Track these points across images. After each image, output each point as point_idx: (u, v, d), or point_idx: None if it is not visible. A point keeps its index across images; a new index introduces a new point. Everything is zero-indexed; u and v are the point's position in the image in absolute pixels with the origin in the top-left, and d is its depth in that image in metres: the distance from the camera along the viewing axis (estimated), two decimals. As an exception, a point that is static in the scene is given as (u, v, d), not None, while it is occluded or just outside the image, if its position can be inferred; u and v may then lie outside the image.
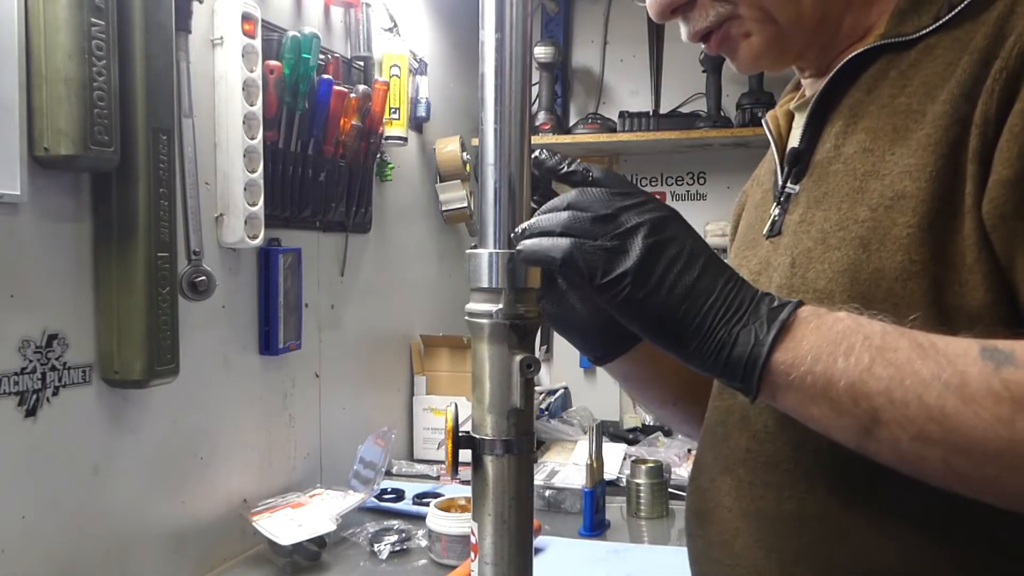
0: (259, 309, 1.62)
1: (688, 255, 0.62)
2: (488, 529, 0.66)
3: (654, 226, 0.62)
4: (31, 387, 1.14)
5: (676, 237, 0.62)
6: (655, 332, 0.63)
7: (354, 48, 1.94)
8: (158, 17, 1.24)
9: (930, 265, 0.63)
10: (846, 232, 0.69)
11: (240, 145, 1.48)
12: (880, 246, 0.66)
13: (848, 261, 0.68)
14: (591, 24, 2.84)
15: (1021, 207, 0.60)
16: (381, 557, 1.55)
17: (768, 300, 0.62)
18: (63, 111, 1.09)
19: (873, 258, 0.66)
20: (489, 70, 0.66)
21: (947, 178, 0.64)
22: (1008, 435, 0.54)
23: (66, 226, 1.20)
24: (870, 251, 0.66)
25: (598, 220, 0.62)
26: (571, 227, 0.63)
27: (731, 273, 0.63)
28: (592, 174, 0.66)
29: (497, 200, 0.66)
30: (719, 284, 0.61)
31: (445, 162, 2.33)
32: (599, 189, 0.64)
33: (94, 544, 1.25)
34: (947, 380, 0.55)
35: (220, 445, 1.52)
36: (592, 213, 0.63)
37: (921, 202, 0.64)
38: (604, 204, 0.63)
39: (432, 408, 2.24)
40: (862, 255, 0.67)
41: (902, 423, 0.56)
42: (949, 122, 0.64)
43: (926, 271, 0.63)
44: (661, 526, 1.78)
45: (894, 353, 0.57)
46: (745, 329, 0.60)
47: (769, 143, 0.86)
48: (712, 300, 0.61)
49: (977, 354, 0.55)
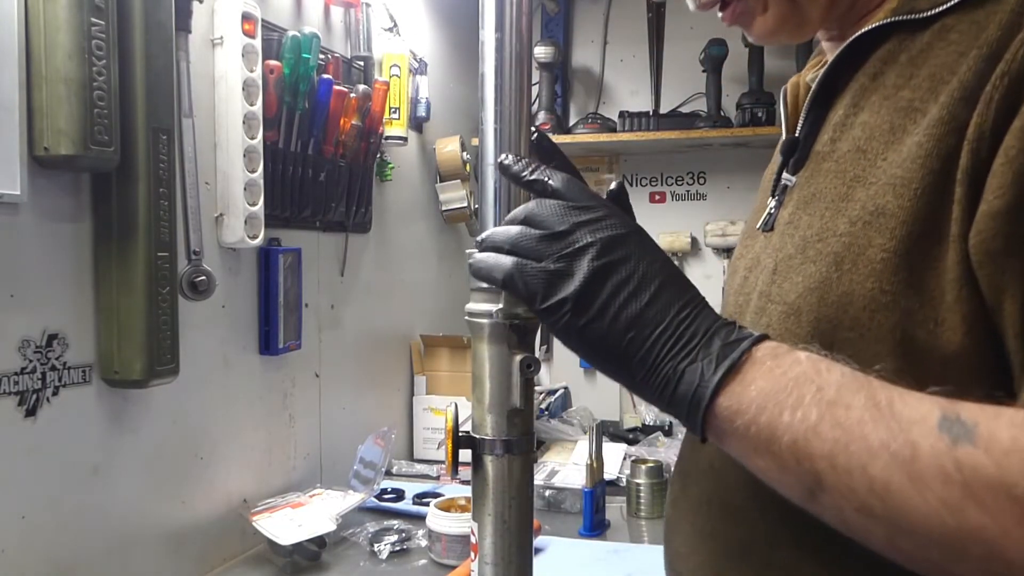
0: (259, 309, 1.62)
1: (639, 279, 0.57)
2: (488, 529, 0.66)
3: (605, 246, 0.57)
4: (31, 387, 1.14)
5: (628, 259, 0.57)
6: (598, 362, 0.58)
7: (354, 48, 1.94)
8: (158, 17, 1.24)
9: (902, 297, 0.57)
10: (824, 244, 0.62)
11: (240, 145, 1.48)
12: (852, 267, 0.59)
13: (819, 278, 0.61)
14: (591, 24, 2.84)
15: (1013, 242, 0.52)
16: (381, 557, 1.55)
17: (724, 333, 0.56)
18: (63, 111, 1.09)
19: (844, 279, 0.60)
20: (489, 70, 0.66)
21: (934, 197, 0.56)
22: (955, 523, 0.47)
23: (66, 226, 1.20)
24: (842, 271, 0.60)
25: (547, 238, 0.58)
26: (518, 245, 0.59)
27: (689, 298, 0.57)
28: (551, 184, 0.61)
29: (497, 200, 0.66)
30: (671, 313, 0.56)
31: (445, 162, 2.33)
32: (556, 202, 0.60)
33: (94, 544, 1.25)
34: (896, 451, 0.49)
35: (220, 445, 1.52)
36: (543, 230, 0.59)
37: (901, 223, 0.57)
38: (558, 219, 0.59)
39: (432, 408, 2.24)
40: (833, 274, 0.61)
41: (844, 492, 0.51)
42: (944, 131, 0.57)
43: (896, 304, 0.57)
44: (661, 526, 1.78)
45: (845, 411, 0.51)
46: (692, 366, 0.55)
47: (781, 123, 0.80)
48: (660, 331, 0.56)
49: (935, 423, 0.49)
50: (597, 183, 2.85)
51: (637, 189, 2.82)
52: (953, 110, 0.56)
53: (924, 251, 0.56)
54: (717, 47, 2.48)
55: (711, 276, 2.74)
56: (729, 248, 2.68)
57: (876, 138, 0.62)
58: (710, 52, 2.50)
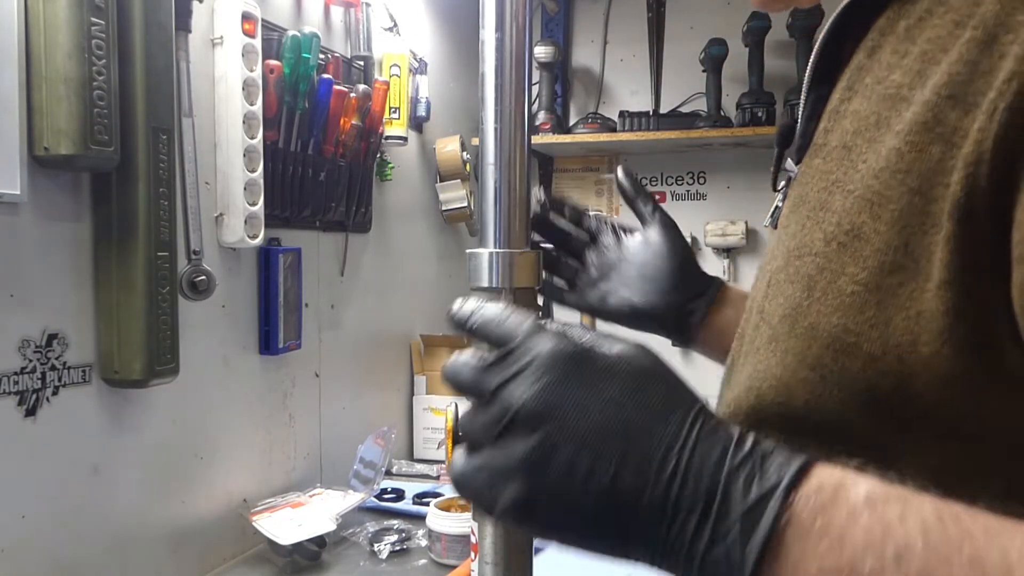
0: (259, 309, 1.62)
1: (593, 448, 0.42)
2: (488, 529, 0.66)
3: (531, 413, 0.44)
4: (31, 387, 1.14)
5: (564, 416, 0.43)
6: (612, 552, 0.45)
7: (354, 48, 1.94)
8: (158, 17, 1.24)
9: (865, 342, 0.46)
10: (801, 263, 0.52)
11: (240, 145, 1.47)
12: (822, 296, 0.49)
13: (792, 304, 0.51)
14: (591, 24, 2.84)
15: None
16: (381, 557, 1.55)
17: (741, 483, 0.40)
18: (63, 111, 1.09)
19: (812, 309, 0.49)
20: (489, 70, 0.66)
21: (912, 225, 0.45)
22: None
23: (66, 226, 1.20)
24: (812, 298, 0.50)
25: (479, 417, 0.46)
26: (467, 432, 0.48)
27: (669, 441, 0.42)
28: (472, 318, 0.49)
29: (497, 200, 0.66)
30: (650, 474, 0.41)
31: (445, 162, 2.33)
32: (471, 358, 0.47)
33: (94, 544, 1.25)
34: None
35: (220, 445, 1.52)
36: (477, 407, 0.47)
37: (876, 251, 0.46)
38: (479, 382, 0.47)
39: (432, 408, 2.24)
40: (804, 301, 0.50)
41: None
42: (927, 138, 0.45)
43: (859, 348, 0.46)
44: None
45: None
46: (714, 550, 0.40)
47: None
48: (647, 504, 0.41)
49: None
50: (597, 183, 2.86)
51: (637, 189, 2.82)
52: (938, 111, 0.44)
53: (893, 289, 0.45)
54: (717, 47, 2.48)
55: (711, 276, 2.74)
56: (729, 248, 2.68)
57: (862, 133, 0.51)
58: (710, 52, 2.50)
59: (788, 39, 2.49)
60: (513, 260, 0.65)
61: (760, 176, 2.70)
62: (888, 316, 0.45)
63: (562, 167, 2.88)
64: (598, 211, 0.62)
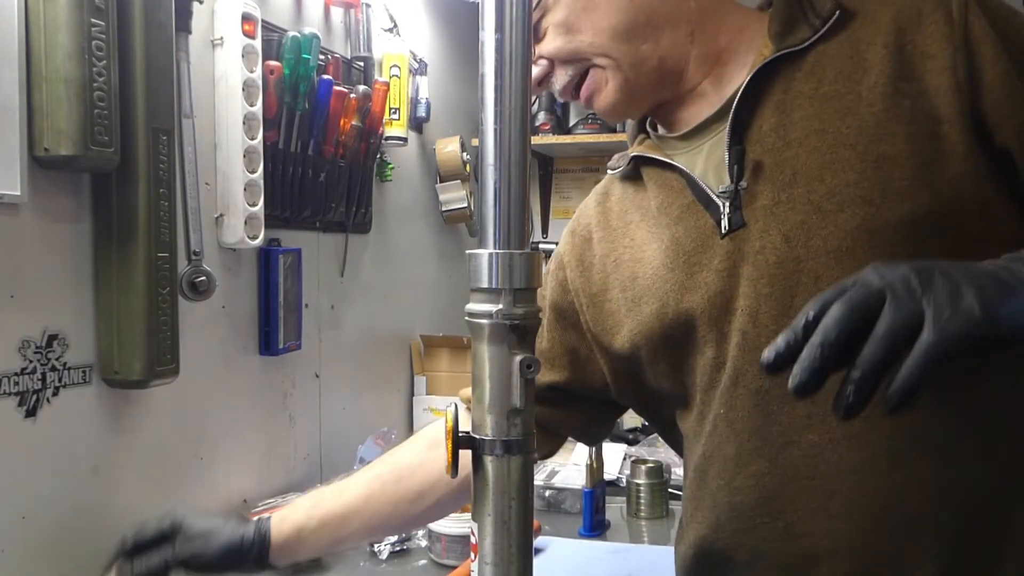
0: (259, 309, 1.62)
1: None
2: (488, 529, 0.66)
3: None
4: (31, 387, 1.14)
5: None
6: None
7: (354, 48, 1.94)
8: (158, 17, 1.24)
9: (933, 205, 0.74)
10: (842, 196, 0.77)
11: (240, 145, 1.48)
12: (883, 200, 0.75)
13: (859, 219, 0.75)
14: (591, 24, 2.84)
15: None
16: (381, 557, 1.55)
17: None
18: (63, 111, 1.09)
19: (882, 210, 0.75)
20: (489, 70, 0.66)
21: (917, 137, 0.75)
22: None
23: (66, 226, 1.20)
24: (876, 205, 0.75)
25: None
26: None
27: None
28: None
29: (497, 200, 0.66)
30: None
31: (445, 162, 2.33)
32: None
33: (94, 544, 1.25)
34: None
35: (220, 445, 1.52)
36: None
37: (906, 159, 0.75)
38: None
39: (432, 408, 2.24)
40: (870, 210, 0.75)
41: None
42: (896, 99, 0.77)
43: (932, 213, 0.74)
44: (661, 526, 1.78)
45: None
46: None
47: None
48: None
49: None
50: (597, 184, 2.85)
51: (637, 189, 2.82)
52: (895, 87, 0.77)
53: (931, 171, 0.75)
54: (717, 47, 2.48)
55: (711, 276, 2.74)
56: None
57: (826, 120, 0.79)
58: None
59: (788, 40, 2.49)
60: (513, 260, 0.65)
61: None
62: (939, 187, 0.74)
63: (562, 168, 2.88)
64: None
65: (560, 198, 2.89)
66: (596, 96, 0.91)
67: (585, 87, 0.91)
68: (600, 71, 0.89)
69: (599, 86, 0.90)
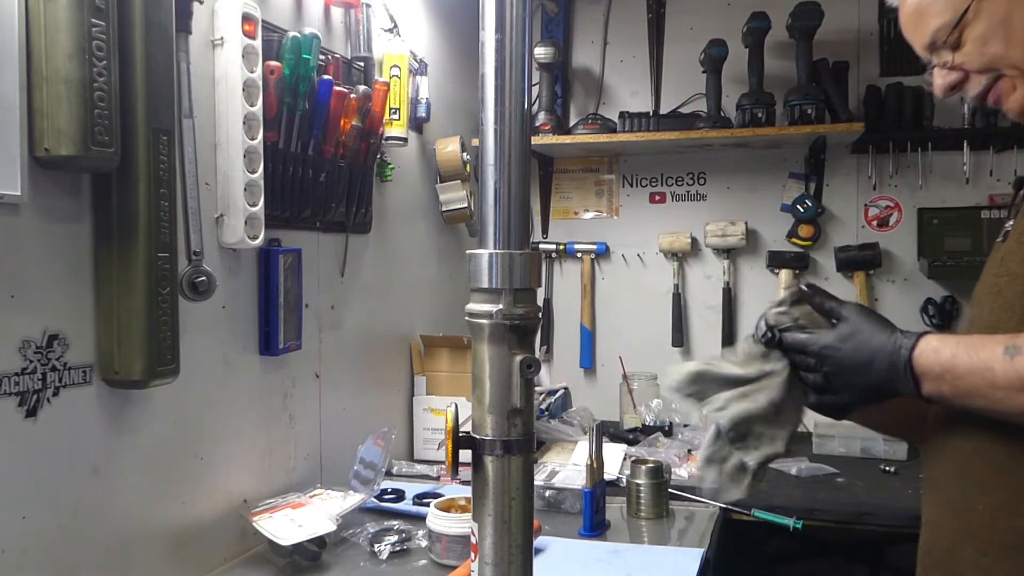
0: (259, 309, 1.62)
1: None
2: (488, 529, 0.66)
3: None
4: (31, 387, 1.14)
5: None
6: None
7: (354, 48, 1.94)
8: (158, 17, 1.24)
9: None
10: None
11: (240, 145, 1.48)
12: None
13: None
14: (591, 24, 2.84)
15: None
16: (381, 557, 1.55)
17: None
18: (63, 111, 1.09)
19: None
20: (489, 71, 0.66)
21: None
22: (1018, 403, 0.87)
23: (66, 226, 1.20)
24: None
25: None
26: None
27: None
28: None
29: (497, 200, 0.66)
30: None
31: (445, 162, 2.33)
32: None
33: (94, 544, 1.25)
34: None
35: (220, 445, 1.52)
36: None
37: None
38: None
39: (432, 408, 2.24)
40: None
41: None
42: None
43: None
44: (661, 526, 1.78)
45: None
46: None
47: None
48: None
49: (1002, 351, 0.86)
50: (597, 184, 2.86)
51: (637, 189, 2.82)
52: None
53: None
54: (717, 48, 2.49)
55: (711, 276, 2.74)
56: (729, 248, 2.68)
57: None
58: (710, 53, 2.50)
59: (788, 40, 2.49)
60: (513, 260, 0.65)
61: (760, 177, 2.70)
62: None
63: (562, 168, 2.89)
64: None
65: (560, 198, 2.89)
66: (1006, 101, 1.01)
67: (993, 92, 1.01)
68: (1008, 80, 0.99)
69: (1007, 93, 1.00)
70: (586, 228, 2.86)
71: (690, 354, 2.77)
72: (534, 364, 0.65)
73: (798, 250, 2.65)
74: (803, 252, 2.64)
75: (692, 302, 2.76)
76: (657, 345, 2.75)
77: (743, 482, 0.97)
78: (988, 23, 0.97)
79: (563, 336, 2.88)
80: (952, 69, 1.02)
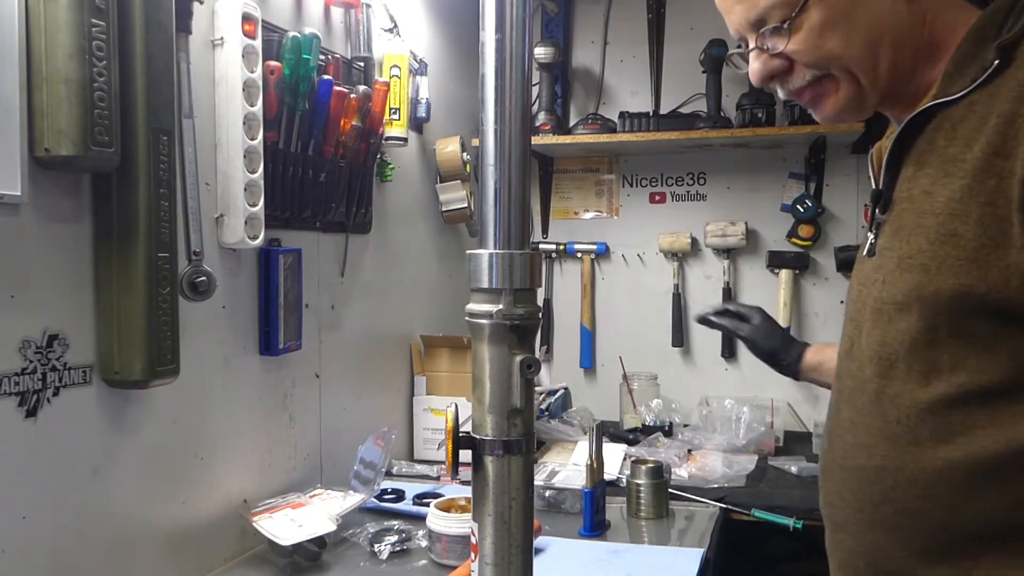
0: (259, 309, 1.63)
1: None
2: (488, 529, 0.66)
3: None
4: (31, 387, 1.14)
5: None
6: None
7: (354, 48, 1.94)
8: (158, 17, 1.24)
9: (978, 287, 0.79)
10: (913, 260, 0.85)
11: (240, 145, 1.48)
12: (937, 271, 0.82)
13: (915, 282, 0.84)
14: (591, 24, 2.84)
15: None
16: (381, 557, 1.55)
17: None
18: (63, 111, 1.09)
19: (934, 280, 0.82)
20: (489, 71, 0.66)
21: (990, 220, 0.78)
22: None
23: (66, 226, 1.20)
24: (930, 274, 0.82)
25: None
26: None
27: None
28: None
29: (497, 200, 0.66)
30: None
31: (445, 162, 2.33)
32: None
33: (94, 544, 1.25)
34: None
35: (220, 445, 1.52)
36: None
37: (971, 240, 0.79)
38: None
39: (432, 408, 2.24)
40: (924, 278, 0.83)
41: None
42: (984, 176, 0.78)
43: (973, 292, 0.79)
44: (661, 526, 1.78)
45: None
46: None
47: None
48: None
49: None
50: (597, 184, 2.86)
51: (637, 189, 2.82)
52: (988, 161, 0.78)
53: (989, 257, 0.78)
54: (717, 47, 2.48)
55: (711, 276, 2.74)
56: (729, 248, 2.69)
57: (937, 183, 0.84)
58: (710, 52, 2.50)
59: (788, 40, 2.49)
60: (513, 260, 0.65)
61: (760, 177, 2.70)
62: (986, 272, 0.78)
63: (562, 168, 2.89)
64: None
65: (560, 198, 2.89)
66: (822, 102, 0.94)
67: (811, 90, 0.93)
68: (833, 81, 0.92)
69: (828, 94, 0.93)
70: (586, 228, 2.86)
71: (690, 354, 2.77)
72: (534, 364, 0.65)
73: (798, 250, 2.65)
74: (803, 252, 2.64)
75: (692, 302, 2.76)
76: (657, 345, 2.75)
77: None
78: (828, 14, 0.87)
79: (563, 336, 2.88)
80: (775, 56, 0.91)
